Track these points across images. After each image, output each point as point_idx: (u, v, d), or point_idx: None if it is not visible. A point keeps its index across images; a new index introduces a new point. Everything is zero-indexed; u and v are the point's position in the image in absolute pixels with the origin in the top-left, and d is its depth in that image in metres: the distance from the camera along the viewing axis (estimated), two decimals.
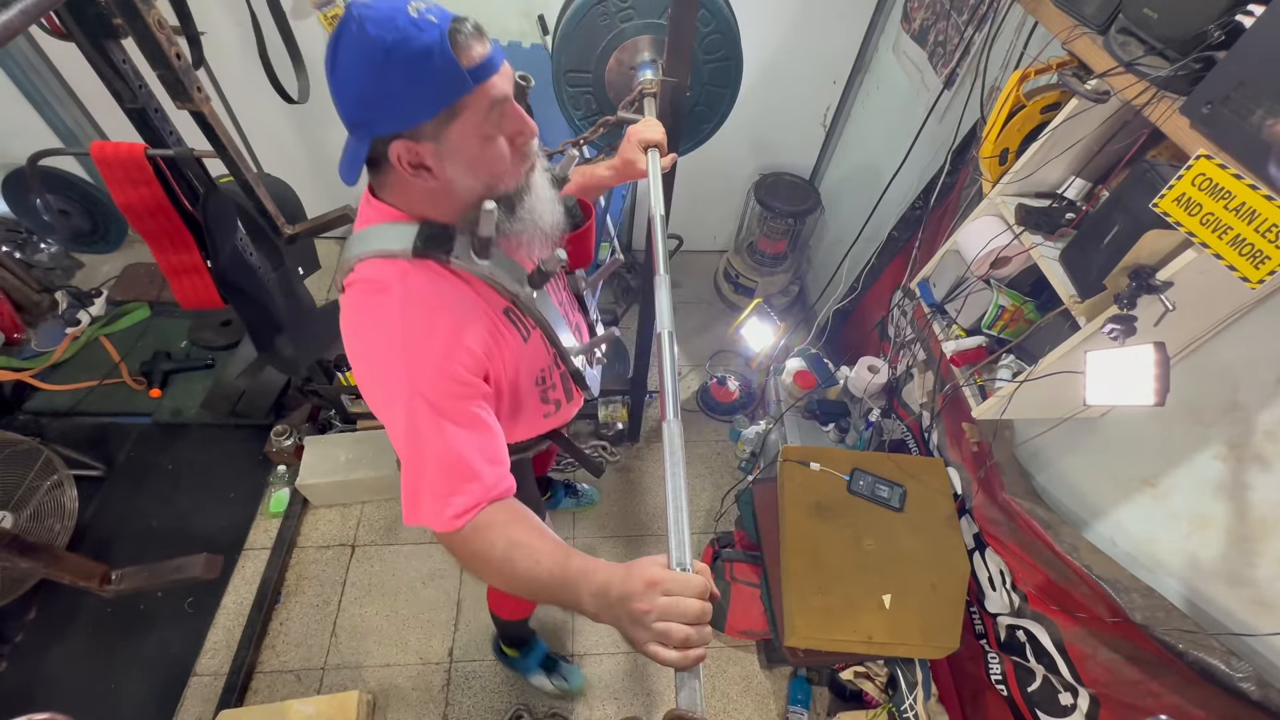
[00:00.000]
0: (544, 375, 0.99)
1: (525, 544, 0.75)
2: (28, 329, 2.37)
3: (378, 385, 0.77)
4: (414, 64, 0.65)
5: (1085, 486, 1.36)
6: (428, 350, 0.75)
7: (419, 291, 0.76)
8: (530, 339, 0.91)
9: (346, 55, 0.67)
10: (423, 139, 0.70)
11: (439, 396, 0.75)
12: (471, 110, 0.70)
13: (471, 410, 0.78)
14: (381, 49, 0.64)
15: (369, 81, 0.67)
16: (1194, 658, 1.05)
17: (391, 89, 0.66)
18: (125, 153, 1.37)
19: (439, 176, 0.74)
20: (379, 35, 0.64)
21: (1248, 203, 0.75)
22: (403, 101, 0.67)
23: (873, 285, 2.24)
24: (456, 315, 0.78)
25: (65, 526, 1.86)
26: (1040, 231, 1.18)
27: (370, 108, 0.69)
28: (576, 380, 1.07)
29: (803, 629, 1.52)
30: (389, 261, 0.78)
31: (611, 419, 2.38)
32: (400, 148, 0.70)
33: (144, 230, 1.51)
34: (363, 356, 0.78)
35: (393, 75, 0.65)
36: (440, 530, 0.76)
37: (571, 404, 1.13)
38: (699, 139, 1.59)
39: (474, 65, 0.67)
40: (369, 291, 0.78)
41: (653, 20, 1.34)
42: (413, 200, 0.79)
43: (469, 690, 1.88)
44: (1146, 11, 0.91)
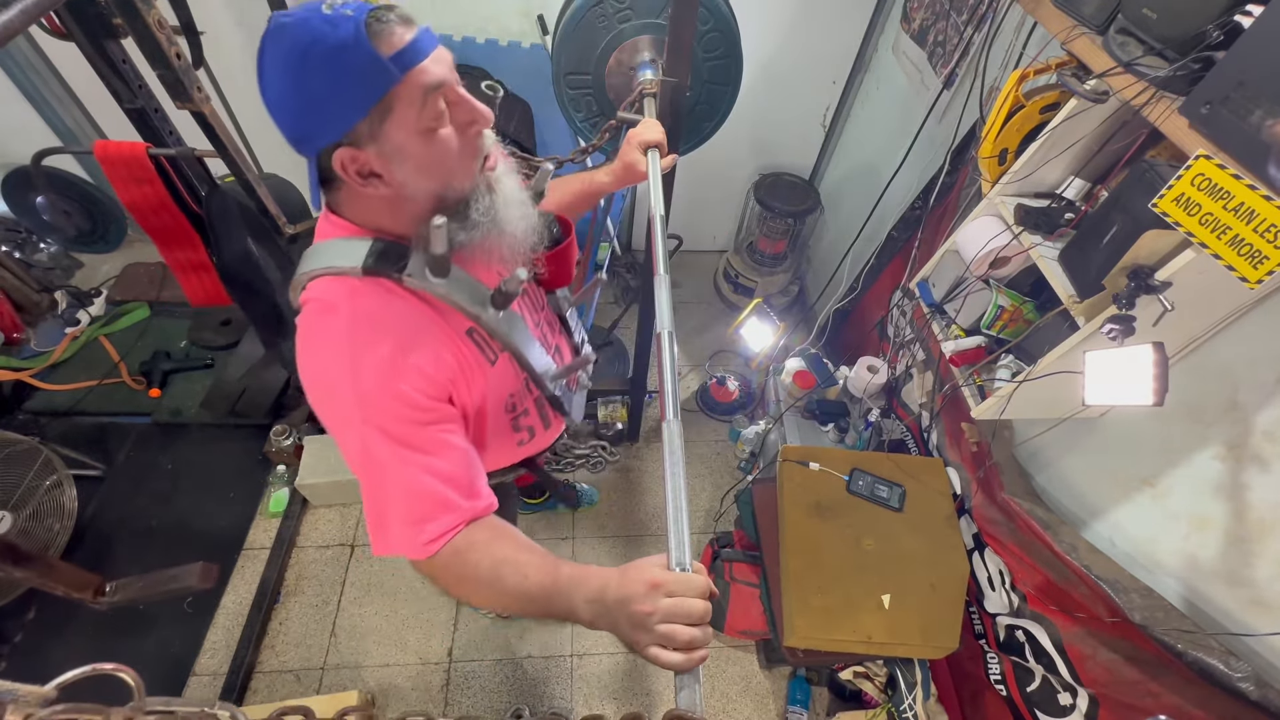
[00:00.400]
0: (514, 401, 0.93)
1: (511, 560, 0.72)
2: (27, 329, 2.37)
3: (328, 411, 0.73)
4: (331, 62, 0.61)
5: (1084, 486, 1.36)
6: (379, 375, 0.70)
7: (367, 311, 0.72)
8: (498, 362, 0.85)
9: (269, 68, 0.63)
10: (362, 143, 0.66)
11: (393, 423, 0.70)
12: (404, 103, 0.65)
13: (432, 434, 0.73)
14: (297, 54, 0.61)
15: (293, 91, 0.63)
16: (1193, 658, 1.05)
17: (315, 94, 0.63)
18: (128, 151, 1.38)
19: (390, 182, 0.69)
20: (294, 41, 0.61)
21: (1246, 203, 0.75)
22: (329, 106, 0.63)
23: (872, 285, 2.24)
24: (407, 336, 0.73)
25: (65, 526, 1.86)
26: (1039, 231, 1.18)
27: (302, 119, 0.65)
28: (554, 405, 1.01)
29: (802, 629, 1.52)
30: (339, 280, 0.73)
31: (611, 419, 2.38)
32: (343, 156, 0.66)
33: (150, 228, 1.52)
34: (311, 381, 0.73)
35: (313, 79, 0.62)
36: (415, 558, 0.73)
37: (549, 431, 1.07)
38: (701, 137, 1.59)
39: (396, 52, 0.62)
40: (315, 311, 0.73)
41: (651, 20, 1.34)
42: (369, 212, 0.75)
43: (468, 690, 1.88)
44: (1145, 12, 0.91)
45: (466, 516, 0.74)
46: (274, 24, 0.63)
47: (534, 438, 1.03)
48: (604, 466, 2.41)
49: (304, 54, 0.61)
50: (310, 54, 0.61)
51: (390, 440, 0.70)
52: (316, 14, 0.61)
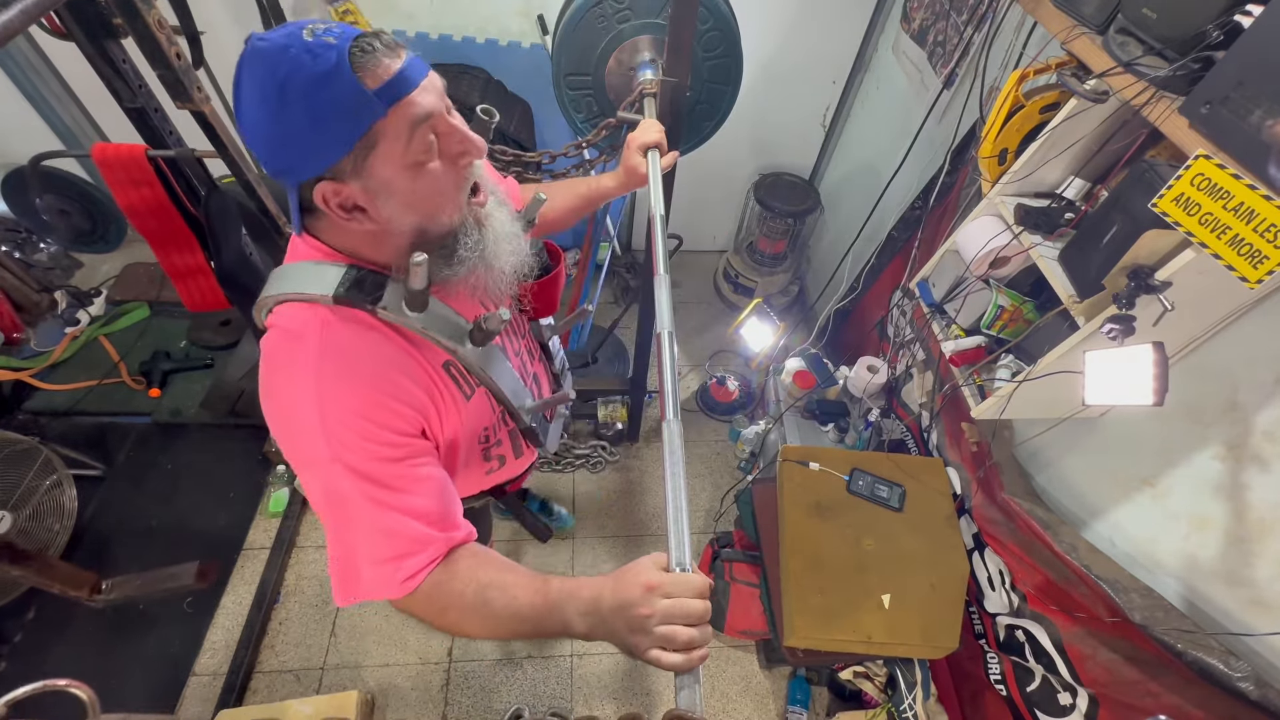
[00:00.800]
0: (488, 434, 0.90)
1: (496, 582, 0.68)
2: (27, 328, 2.36)
3: (292, 447, 0.68)
4: (311, 95, 0.56)
5: (1084, 486, 1.36)
6: (347, 411, 0.66)
7: (336, 343, 0.67)
8: (474, 397, 0.82)
9: (246, 97, 0.59)
10: (345, 178, 0.62)
11: (363, 461, 0.66)
12: (390, 137, 0.61)
13: (404, 470, 0.69)
14: (275, 84, 0.56)
15: (270, 122, 0.59)
16: (1193, 657, 1.05)
17: (295, 128, 0.58)
18: (126, 154, 1.37)
19: (375, 217, 0.65)
20: (272, 70, 0.56)
21: (1246, 202, 0.75)
22: (309, 140, 0.59)
23: (872, 285, 2.24)
24: (382, 368, 0.69)
25: (64, 526, 1.86)
26: (1039, 231, 1.18)
27: (280, 153, 0.61)
28: (528, 437, 0.98)
29: (802, 629, 1.52)
30: (307, 306, 0.68)
31: (611, 419, 2.38)
32: (325, 190, 0.62)
33: (147, 232, 1.52)
34: (274, 414, 0.68)
35: (292, 111, 0.57)
36: (394, 597, 0.69)
37: (520, 460, 1.03)
38: (701, 137, 1.59)
39: (382, 85, 0.58)
40: (280, 339, 0.69)
41: (650, 20, 1.34)
42: (349, 241, 0.70)
43: (468, 690, 1.88)
44: (1145, 11, 0.91)
45: (446, 548, 0.71)
46: (250, 48, 0.58)
47: (503, 466, 1.00)
48: (604, 466, 2.41)
49: (282, 85, 0.56)
50: (289, 85, 0.56)
51: (360, 478, 0.66)
52: (297, 40, 0.57)
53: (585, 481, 2.38)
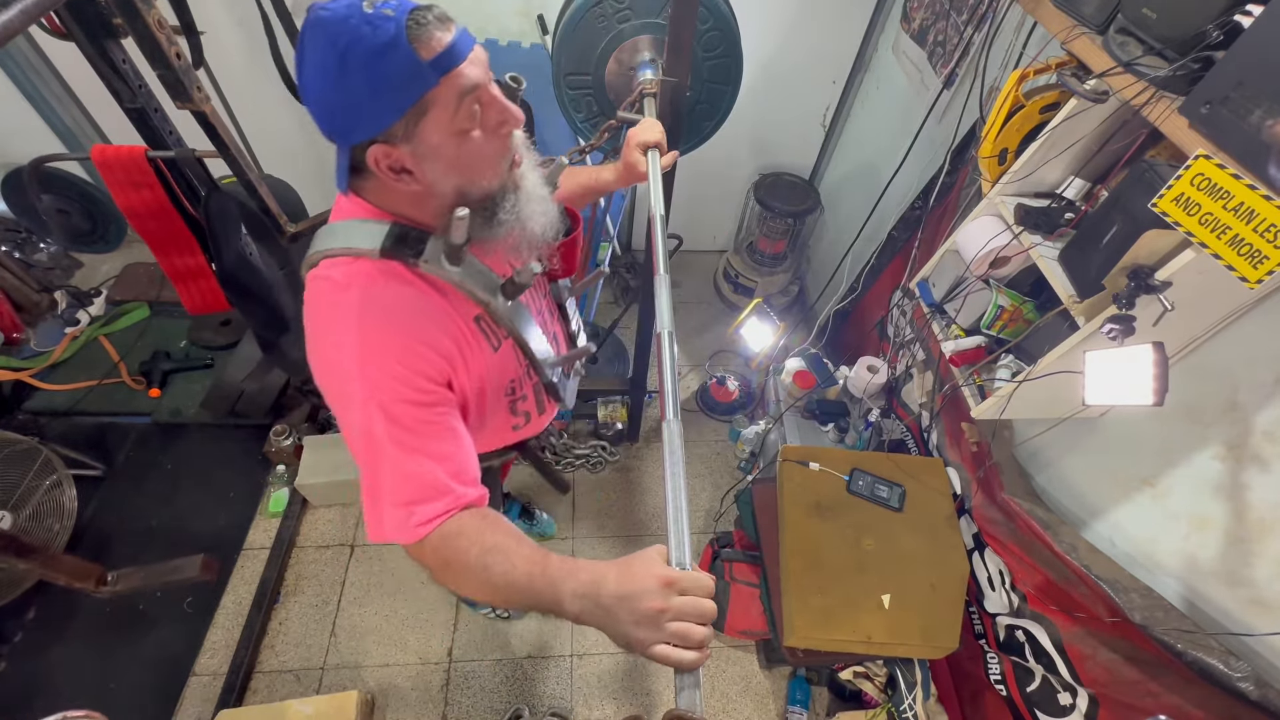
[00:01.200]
0: (514, 386, 0.95)
1: (500, 548, 0.71)
2: (27, 329, 2.36)
3: (333, 390, 0.73)
4: (371, 65, 0.61)
5: (1084, 486, 1.36)
6: (384, 356, 0.71)
7: (379, 293, 0.73)
8: (501, 349, 0.87)
9: (308, 64, 0.64)
10: (396, 141, 0.67)
11: (396, 404, 0.71)
12: (440, 106, 0.66)
13: (433, 418, 0.74)
14: (336, 54, 0.61)
15: (331, 89, 0.63)
16: (1193, 657, 1.05)
17: (353, 94, 0.63)
18: (126, 155, 1.37)
19: (421, 179, 0.71)
20: (334, 39, 0.61)
21: (1246, 202, 0.75)
22: (366, 106, 0.64)
23: (872, 285, 2.24)
24: (417, 320, 0.75)
25: (64, 526, 1.86)
26: (1039, 231, 1.18)
27: (338, 116, 0.66)
28: (550, 392, 1.03)
29: (802, 629, 1.52)
30: (353, 260, 0.74)
31: (611, 419, 2.38)
32: (377, 153, 0.67)
33: (147, 234, 1.52)
34: (318, 359, 0.74)
35: (352, 80, 0.62)
36: (405, 542, 0.72)
37: (543, 416, 1.09)
38: (701, 137, 1.59)
39: (435, 56, 0.63)
40: (328, 290, 0.74)
41: (650, 20, 1.34)
42: (394, 201, 0.76)
43: (468, 690, 1.88)
44: (1145, 11, 0.91)
45: (459, 503, 0.73)
46: (313, 17, 0.62)
47: (529, 422, 1.06)
48: (604, 466, 2.41)
49: (343, 54, 0.61)
50: (350, 54, 0.61)
51: (390, 421, 0.70)
52: (357, 11, 0.61)
53: (585, 481, 2.38)
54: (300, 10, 2.13)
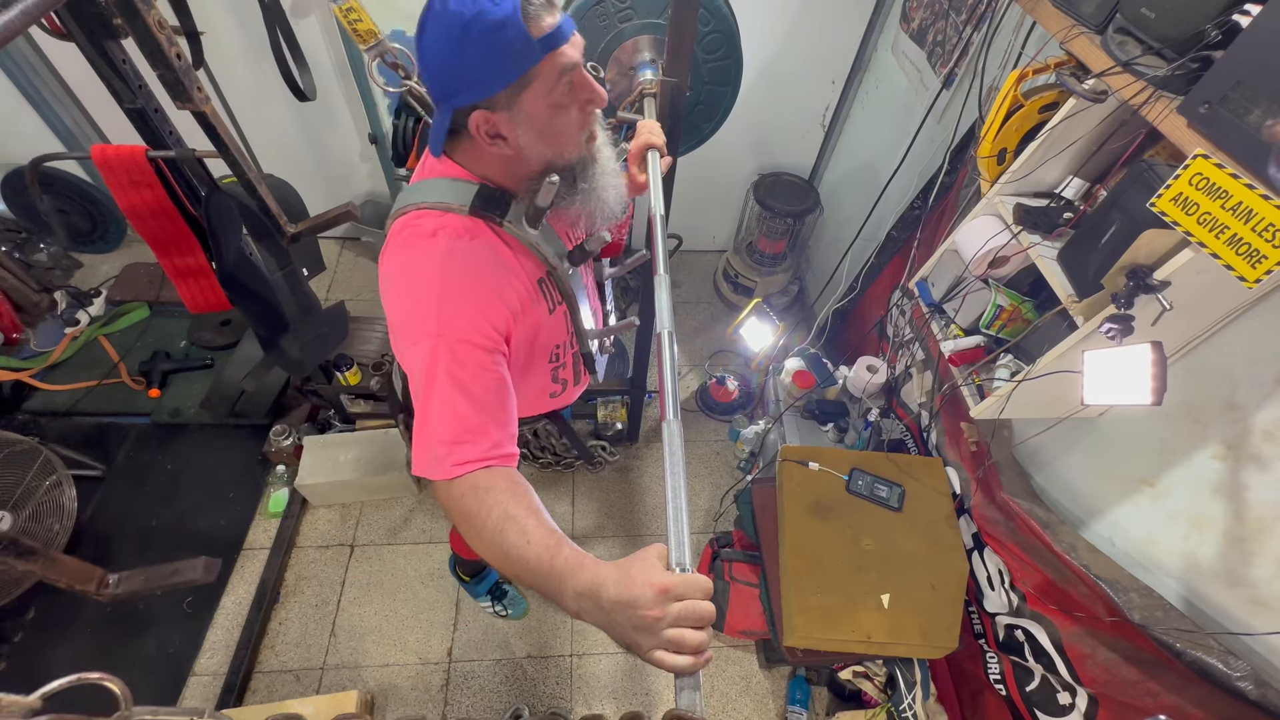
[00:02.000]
0: (558, 352, 1.02)
1: (520, 520, 0.71)
2: (27, 329, 2.37)
3: (405, 323, 0.79)
4: (489, 37, 0.69)
5: (1083, 486, 1.36)
6: (461, 298, 0.77)
7: (464, 246, 0.79)
8: (555, 313, 0.94)
9: (431, 31, 0.71)
10: (498, 108, 0.75)
11: (461, 344, 0.76)
12: (542, 79, 0.73)
13: (490, 365, 0.79)
14: (460, 24, 0.68)
15: (450, 55, 0.71)
16: (1192, 657, 1.05)
17: (469, 61, 0.71)
18: (127, 155, 1.37)
19: (513, 145, 0.78)
20: (459, 10, 0.68)
21: (1245, 202, 0.75)
22: (479, 73, 0.71)
23: (871, 285, 2.24)
24: (494, 273, 0.81)
25: (64, 526, 1.85)
26: (1038, 231, 1.18)
27: (452, 80, 0.73)
28: (587, 363, 1.10)
29: (802, 628, 1.52)
30: (441, 214, 0.81)
31: (611, 419, 2.38)
32: (479, 118, 0.75)
33: (148, 233, 1.51)
34: (397, 294, 0.80)
35: (470, 48, 0.69)
36: (440, 478, 0.75)
37: (577, 387, 1.16)
38: (700, 138, 1.60)
39: (544, 35, 0.71)
40: (415, 234, 0.80)
41: (652, 20, 1.34)
42: (483, 165, 0.83)
43: (468, 690, 1.88)
44: (1144, 11, 0.91)
45: (496, 453, 0.76)
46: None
47: (565, 390, 1.13)
48: (604, 466, 2.41)
49: (466, 25, 0.68)
50: (472, 25, 0.68)
51: (453, 358, 0.75)
52: None
53: (585, 481, 2.38)
54: (299, 11, 2.13)
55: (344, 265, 3.00)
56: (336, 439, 2.18)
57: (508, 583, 1.99)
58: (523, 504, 0.74)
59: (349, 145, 2.63)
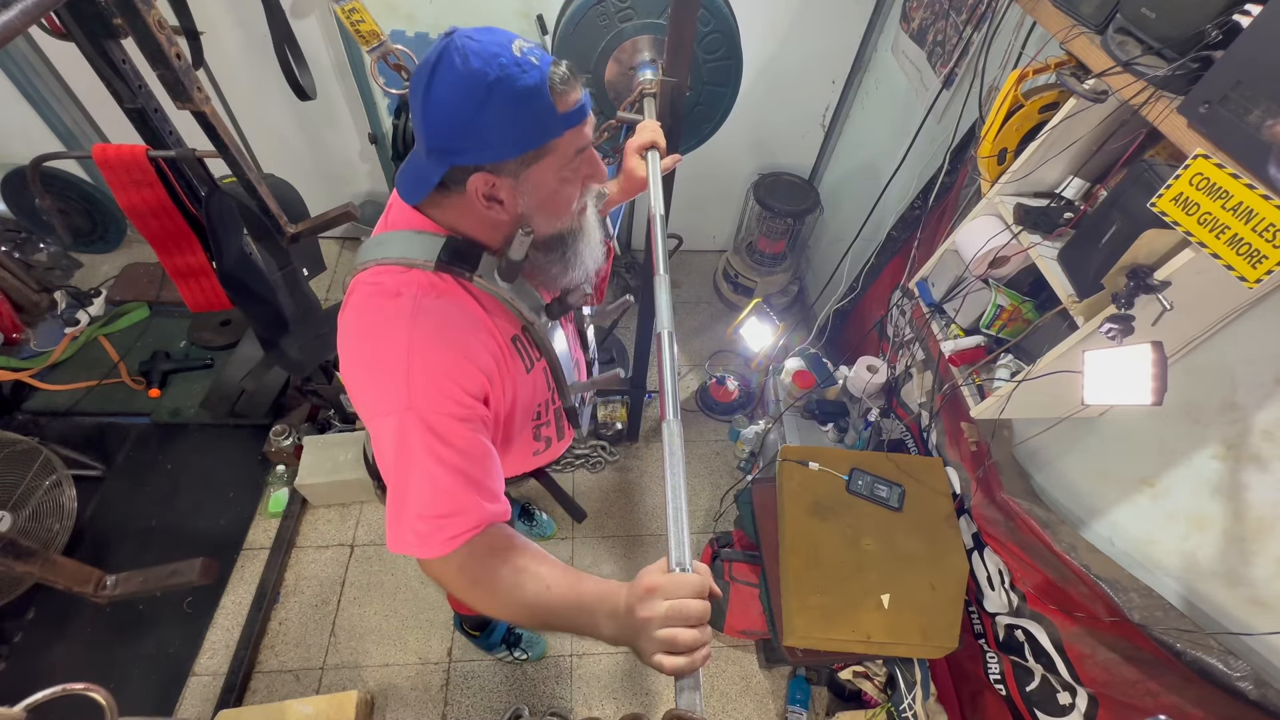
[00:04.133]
0: (540, 410, 0.96)
1: (532, 570, 0.71)
2: (27, 329, 2.37)
3: (371, 393, 0.74)
4: (513, 104, 0.65)
5: (1083, 486, 1.36)
6: (432, 366, 0.71)
7: (431, 304, 0.74)
8: (533, 370, 0.88)
9: (445, 84, 0.66)
10: (503, 174, 0.71)
11: (436, 415, 0.71)
12: (556, 155, 0.71)
13: (468, 432, 0.73)
14: (484, 85, 0.64)
15: (465, 114, 0.66)
16: (1192, 657, 1.05)
17: (486, 124, 0.66)
18: (127, 154, 1.37)
19: (509, 210, 0.74)
20: (483, 70, 0.64)
21: (1245, 202, 0.75)
22: (494, 136, 0.67)
23: (872, 285, 2.24)
24: (466, 334, 0.76)
25: (64, 526, 1.86)
26: (1038, 231, 1.18)
27: (460, 138, 0.68)
28: (570, 417, 1.04)
29: (801, 628, 1.52)
30: (405, 270, 0.75)
31: (611, 419, 2.38)
32: (480, 180, 0.70)
33: (149, 233, 1.52)
34: (360, 361, 0.75)
35: (492, 111, 0.65)
36: (431, 556, 0.72)
37: (561, 442, 1.09)
38: (700, 138, 1.60)
39: (568, 111, 0.69)
40: (378, 294, 0.75)
41: (652, 20, 1.34)
42: (459, 220, 0.78)
43: (468, 690, 1.88)
44: (1144, 11, 0.91)
45: (487, 518, 0.73)
46: (460, 42, 0.65)
47: (548, 448, 1.06)
48: (604, 466, 2.41)
49: (491, 85, 0.64)
50: (497, 88, 0.64)
51: (428, 431, 0.70)
52: (507, 51, 0.65)
53: (585, 481, 2.38)
54: (299, 11, 2.13)
55: (344, 265, 3.00)
56: (336, 439, 2.18)
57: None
58: (528, 554, 0.73)
59: (349, 145, 2.63)
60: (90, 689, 0.50)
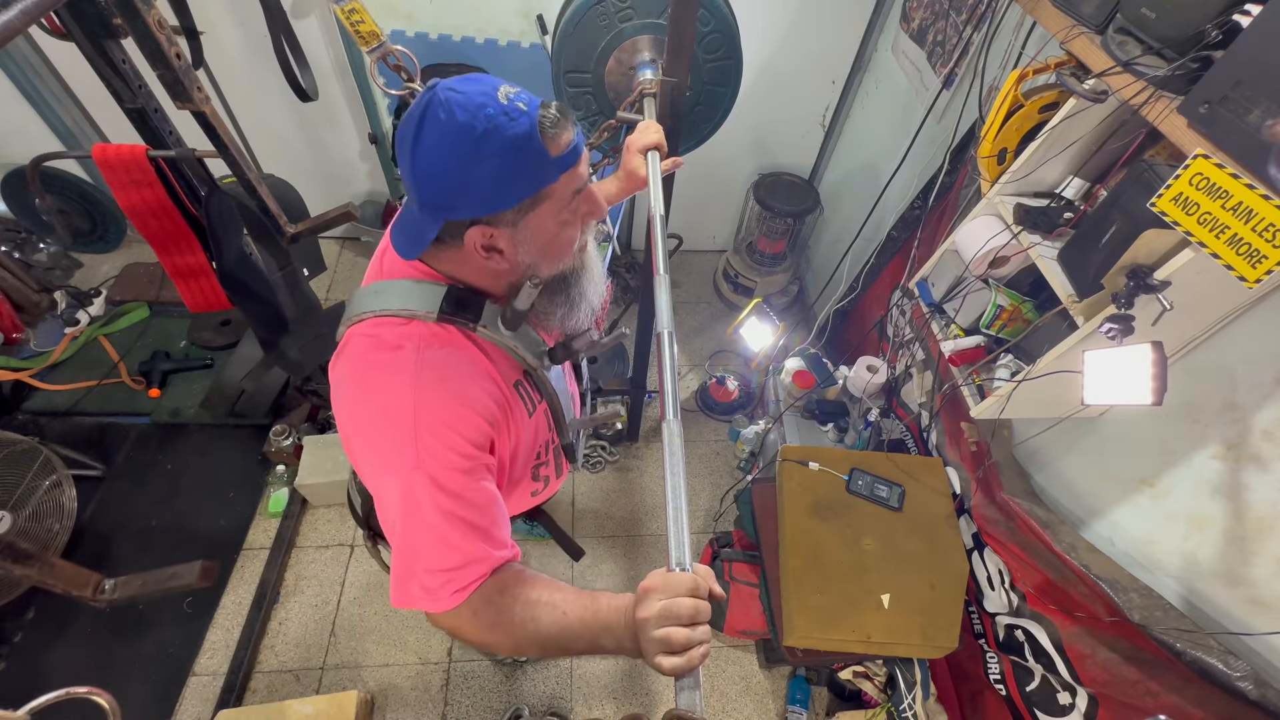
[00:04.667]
0: (540, 451, 0.94)
1: (545, 600, 0.70)
2: (27, 329, 2.37)
3: (375, 451, 0.72)
4: (504, 154, 0.63)
5: (1083, 486, 1.36)
6: (438, 422, 0.70)
7: (434, 358, 0.72)
8: (535, 414, 0.87)
9: (431, 139, 0.64)
10: (500, 225, 0.68)
11: (445, 472, 0.69)
12: (554, 199, 0.69)
13: (475, 484, 0.72)
14: (471, 138, 0.62)
15: (455, 169, 0.64)
16: (1192, 657, 1.05)
17: (478, 177, 0.64)
18: (127, 154, 1.37)
19: (510, 259, 0.72)
20: (469, 123, 0.61)
21: (1245, 202, 0.75)
22: (488, 190, 0.65)
23: (872, 285, 2.24)
24: (470, 384, 0.74)
25: (64, 526, 1.85)
26: (1038, 231, 1.18)
27: (452, 194, 0.66)
28: (567, 454, 1.03)
29: (802, 628, 1.52)
30: (405, 322, 0.73)
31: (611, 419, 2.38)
32: (477, 234, 0.68)
33: (148, 233, 1.52)
34: (362, 418, 0.72)
35: (483, 165, 0.63)
36: (442, 610, 0.71)
37: (558, 479, 1.09)
38: (699, 139, 1.60)
39: (561, 154, 0.66)
40: (377, 348, 0.72)
41: (652, 20, 1.34)
42: (460, 270, 0.76)
43: (468, 690, 1.88)
44: (1144, 11, 0.91)
45: (494, 565, 0.73)
46: (443, 95, 0.63)
47: (547, 486, 1.05)
48: (604, 466, 2.41)
49: (479, 139, 0.62)
50: (487, 141, 0.62)
51: (434, 487, 0.69)
52: (493, 100, 0.63)
53: (585, 481, 2.38)
54: (299, 11, 2.13)
55: (344, 265, 3.00)
56: (336, 439, 2.17)
57: None
58: (537, 586, 0.72)
59: (349, 145, 2.63)
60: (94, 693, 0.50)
